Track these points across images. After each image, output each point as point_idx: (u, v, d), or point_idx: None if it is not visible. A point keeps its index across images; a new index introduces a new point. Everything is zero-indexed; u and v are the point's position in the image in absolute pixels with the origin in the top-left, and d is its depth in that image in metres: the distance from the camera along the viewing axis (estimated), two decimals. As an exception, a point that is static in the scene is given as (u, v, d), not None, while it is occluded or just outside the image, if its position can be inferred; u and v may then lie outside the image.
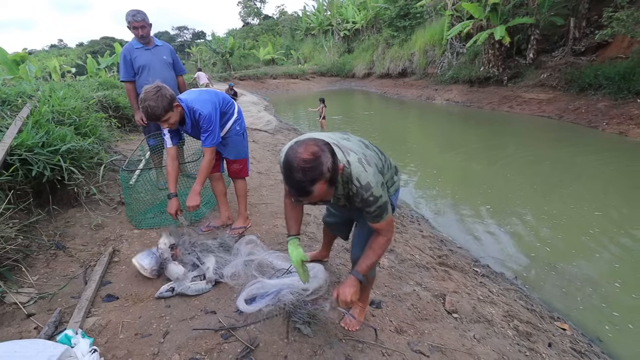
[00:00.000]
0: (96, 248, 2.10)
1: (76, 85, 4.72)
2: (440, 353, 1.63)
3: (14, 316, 1.52)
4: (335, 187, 1.21)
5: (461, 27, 12.15)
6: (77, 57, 31.85)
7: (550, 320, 2.53)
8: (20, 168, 2.03)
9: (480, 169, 6.00)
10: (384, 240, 1.38)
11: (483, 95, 12.56)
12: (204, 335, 1.49)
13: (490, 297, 2.52)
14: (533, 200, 4.54)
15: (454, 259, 3.12)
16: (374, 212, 1.29)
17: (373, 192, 1.24)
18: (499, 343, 1.90)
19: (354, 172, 1.25)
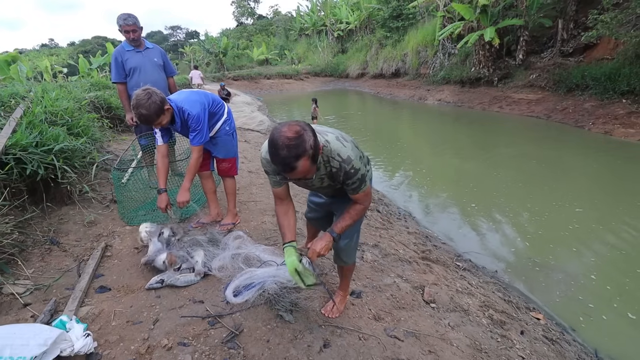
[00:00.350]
0: (89, 243, 2.19)
1: (68, 86, 4.77)
2: (414, 338, 1.75)
3: (11, 306, 1.60)
4: (317, 168, 1.33)
5: (452, 28, 12.34)
6: (69, 57, 31.54)
7: (526, 310, 2.66)
8: (15, 167, 2.11)
9: (468, 167, 6.15)
10: (361, 208, 1.51)
11: (474, 95, 12.77)
12: (192, 322, 1.59)
13: (468, 289, 2.64)
14: (517, 198, 4.69)
15: (437, 253, 3.25)
16: (354, 183, 1.40)
17: (353, 164, 1.36)
18: (473, 330, 2.02)
19: (333, 148, 1.36)
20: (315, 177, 1.41)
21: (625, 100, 8.36)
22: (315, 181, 1.45)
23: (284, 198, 1.58)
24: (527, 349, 2.03)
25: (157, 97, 1.98)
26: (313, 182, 1.46)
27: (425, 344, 1.72)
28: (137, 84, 3.04)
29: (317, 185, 1.50)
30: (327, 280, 2.11)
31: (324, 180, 1.45)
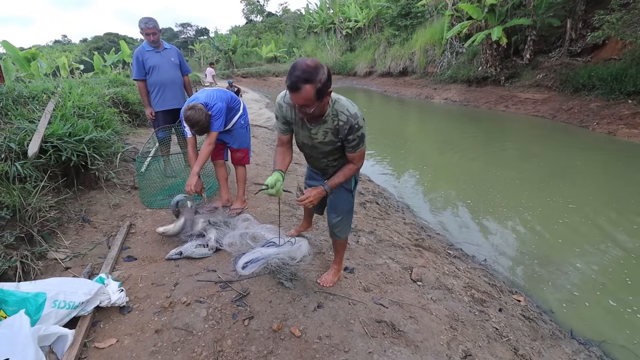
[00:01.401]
0: (115, 222, 2.49)
1: (90, 83, 5.11)
2: (397, 306, 2.00)
3: (55, 268, 1.90)
4: (325, 121, 1.53)
5: (460, 28, 12.42)
6: (82, 53, 32.28)
7: (509, 293, 2.88)
8: (53, 154, 2.41)
9: (469, 165, 6.33)
10: (354, 168, 1.69)
11: (480, 94, 12.84)
12: (206, 285, 1.87)
13: (455, 272, 2.88)
14: (513, 194, 4.88)
15: (429, 242, 3.48)
16: (354, 140, 1.56)
17: (359, 121, 1.53)
18: (453, 305, 2.26)
19: (343, 104, 1.54)
20: (320, 130, 1.57)
21: (631, 101, 8.40)
22: (320, 134, 1.59)
23: (285, 143, 1.76)
24: (502, 322, 2.27)
25: (202, 111, 2.38)
26: (317, 133, 1.60)
27: (407, 312, 1.97)
28: (156, 82, 3.35)
29: (320, 140, 1.62)
30: (324, 258, 2.37)
31: (327, 135, 1.58)
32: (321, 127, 1.57)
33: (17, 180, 2.10)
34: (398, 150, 7.60)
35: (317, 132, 1.60)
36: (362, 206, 3.95)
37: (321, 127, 1.57)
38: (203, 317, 1.66)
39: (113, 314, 1.66)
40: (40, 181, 2.21)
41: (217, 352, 1.49)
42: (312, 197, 1.62)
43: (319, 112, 1.49)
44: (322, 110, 1.50)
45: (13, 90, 2.88)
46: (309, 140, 1.67)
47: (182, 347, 1.50)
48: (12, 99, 2.75)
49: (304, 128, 1.65)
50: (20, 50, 10.71)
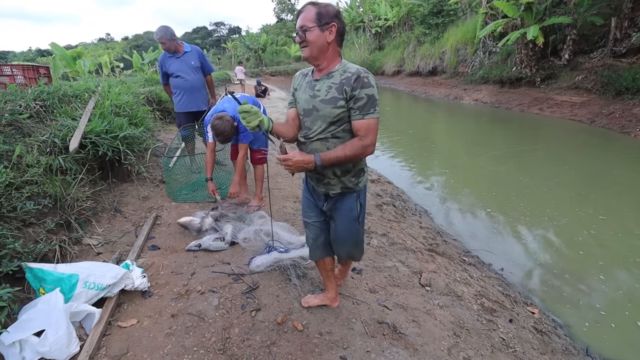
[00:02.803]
0: (143, 213, 2.70)
1: (127, 82, 5.47)
2: (401, 309, 2.04)
3: (88, 253, 2.12)
4: (331, 75, 1.38)
5: (494, 26, 11.95)
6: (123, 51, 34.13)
7: (523, 305, 2.81)
8: (91, 149, 2.66)
9: (495, 170, 6.14)
10: (360, 144, 1.36)
11: (513, 96, 12.32)
12: (220, 277, 2.01)
13: (467, 280, 2.85)
14: (538, 203, 4.69)
15: (444, 247, 3.45)
16: (362, 99, 1.32)
17: (369, 76, 1.34)
18: (460, 312, 2.26)
19: (355, 64, 1.41)
20: (325, 85, 1.39)
21: (680, 107, 7.77)
22: (323, 89, 1.39)
23: (290, 119, 1.54)
24: (511, 333, 2.24)
25: (229, 122, 2.54)
26: (320, 90, 1.40)
27: (410, 315, 2.01)
28: (177, 86, 3.55)
29: (321, 97, 1.39)
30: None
31: (331, 90, 1.37)
32: (326, 81, 1.39)
33: (59, 172, 2.34)
34: (422, 152, 7.49)
35: (320, 87, 1.40)
36: (378, 208, 3.98)
37: (326, 81, 1.39)
38: (215, 306, 1.79)
39: (136, 297, 1.83)
40: (79, 174, 2.45)
41: (225, 338, 1.61)
42: (294, 162, 1.31)
43: (318, 48, 1.35)
44: (321, 49, 1.36)
45: (59, 89, 3.18)
46: (309, 102, 1.43)
47: (193, 332, 1.64)
48: (58, 98, 3.04)
49: (307, 88, 1.46)
50: (68, 49, 11.58)
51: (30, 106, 2.63)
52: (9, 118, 2.38)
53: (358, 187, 1.57)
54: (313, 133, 1.46)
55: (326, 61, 1.41)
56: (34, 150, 2.24)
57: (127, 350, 1.54)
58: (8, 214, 1.90)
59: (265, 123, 1.35)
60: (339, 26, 1.37)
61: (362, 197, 1.61)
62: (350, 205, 1.59)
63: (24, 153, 2.15)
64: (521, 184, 5.40)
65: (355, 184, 1.56)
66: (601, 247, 3.61)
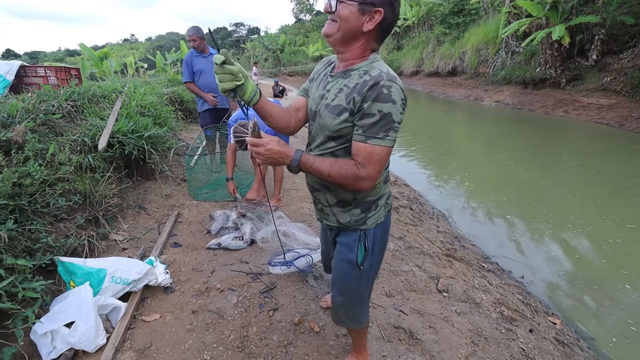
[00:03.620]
0: (166, 211, 2.79)
1: (152, 82, 5.65)
2: (418, 314, 2.03)
3: (114, 248, 2.21)
4: (349, 75, 1.05)
5: (517, 26, 11.63)
6: (146, 51, 35.17)
7: (544, 315, 2.74)
8: (118, 148, 2.76)
9: (517, 174, 5.98)
10: (352, 172, 0.99)
11: (537, 97, 11.95)
12: (239, 276, 2.05)
13: (486, 287, 2.80)
14: (561, 209, 4.54)
15: (462, 253, 3.39)
16: (373, 117, 0.96)
17: (393, 90, 0.96)
18: (478, 320, 2.22)
19: (385, 65, 1.05)
20: (337, 85, 1.07)
21: None
22: (333, 90, 1.07)
23: (293, 107, 1.26)
24: (531, 344, 2.18)
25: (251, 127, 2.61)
26: (331, 90, 1.09)
27: (427, 321, 1.99)
28: (202, 84, 3.67)
29: (328, 101, 1.08)
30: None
31: (339, 95, 1.04)
32: (340, 80, 1.07)
33: (88, 170, 2.45)
34: (440, 154, 7.38)
35: (332, 87, 1.09)
36: (394, 211, 3.96)
37: (340, 80, 1.07)
38: (233, 304, 1.83)
39: (158, 292, 1.90)
40: (107, 172, 2.56)
41: (243, 337, 1.65)
42: (267, 150, 1.02)
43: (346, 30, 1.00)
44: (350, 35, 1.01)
45: (88, 90, 3.32)
46: (316, 104, 1.14)
47: (213, 329, 1.69)
48: (88, 98, 3.18)
49: (322, 83, 1.15)
50: (95, 49, 12.04)
51: (62, 106, 2.76)
52: (43, 118, 2.50)
53: (365, 226, 1.16)
54: (313, 144, 1.17)
55: (351, 53, 1.05)
56: (66, 149, 2.36)
57: (150, 344, 1.60)
58: (42, 209, 2.00)
59: (248, 92, 1.05)
60: (386, 16, 1.00)
61: (370, 239, 1.17)
62: (348, 244, 1.19)
63: (56, 151, 2.27)
64: (543, 189, 5.24)
65: (360, 220, 1.16)
66: (628, 257, 3.46)
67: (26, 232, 1.84)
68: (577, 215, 4.32)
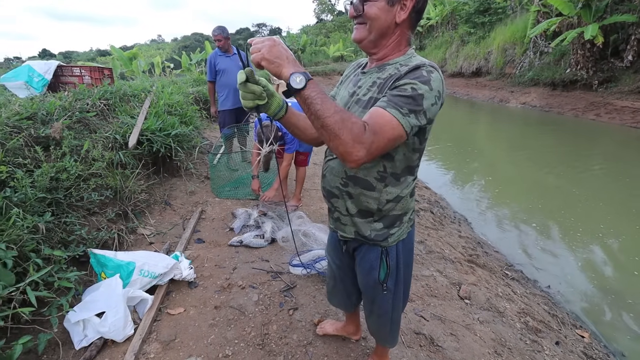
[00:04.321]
0: (190, 207, 2.87)
1: (178, 82, 5.82)
2: (439, 321, 1.99)
3: (142, 242, 2.29)
4: (384, 69, 0.98)
5: (547, 25, 11.19)
6: (172, 51, 36.21)
7: (572, 327, 2.62)
8: (146, 145, 2.87)
9: (544, 179, 5.76)
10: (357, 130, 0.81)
11: (566, 100, 11.46)
12: (260, 273, 2.08)
13: (510, 295, 2.71)
14: (592, 217, 4.34)
15: (485, 259, 3.30)
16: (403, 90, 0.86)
17: (433, 75, 0.88)
18: (502, 329, 2.16)
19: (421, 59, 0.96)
20: (370, 80, 1.00)
21: None
22: (365, 86, 1.01)
23: None
24: (557, 357, 2.10)
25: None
26: (362, 86, 1.02)
27: (448, 328, 1.95)
28: (224, 83, 3.76)
29: (359, 96, 1.01)
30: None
31: (372, 89, 0.98)
32: (373, 75, 1.00)
33: (119, 166, 2.55)
34: (463, 157, 7.20)
35: (363, 83, 1.02)
36: (414, 214, 3.90)
37: (373, 75, 1.00)
38: (254, 301, 1.86)
39: (183, 287, 1.96)
40: (136, 168, 2.66)
41: (264, 334, 1.68)
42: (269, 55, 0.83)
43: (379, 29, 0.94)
44: (384, 32, 0.95)
45: (120, 89, 3.46)
46: (346, 102, 1.05)
47: (235, 325, 1.72)
48: (119, 97, 3.31)
49: (351, 82, 1.09)
50: (124, 49, 12.52)
51: (96, 105, 2.89)
52: (79, 116, 2.63)
53: (386, 243, 1.08)
54: None
55: (386, 50, 0.98)
56: (99, 146, 2.47)
57: (175, 336, 1.66)
58: (76, 203, 2.10)
59: (272, 108, 1.00)
60: None
61: (392, 257, 1.10)
62: (369, 263, 1.12)
63: (90, 148, 2.38)
64: (573, 196, 5.02)
65: (381, 235, 1.07)
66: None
67: (61, 225, 1.94)
68: (609, 224, 4.11)
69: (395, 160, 1.00)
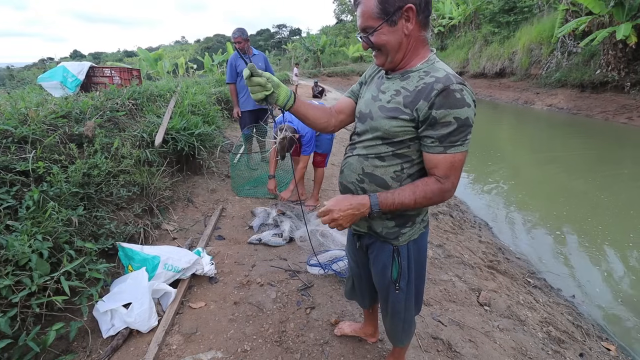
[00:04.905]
0: (211, 205, 2.95)
1: (201, 82, 5.97)
2: (457, 326, 1.96)
3: (165, 237, 2.38)
4: (407, 77, 0.99)
5: (576, 24, 10.77)
6: (195, 52, 37.12)
7: (597, 339, 2.53)
8: (171, 144, 2.97)
9: (570, 185, 5.55)
10: (438, 188, 0.96)
11: (596, 102, 10.99)
12: (278, 271, 2.12)
13: (532, 304, 2.63)
14: (621, 225, 4.15)
15: (506, 266, 3.22)
16: (450, 125, 0.91)
17: (465, 93, 0.91)
18: (523, 338, 2.10)
19: (445, 66, 0.99)
20: (392, 88, 1.02)
21: None
22: (388, 93, 1.02)
23: (335, 109, 1.25)
24: (582, 369, 2.03)
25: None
26: (386, 92, 1.03)
27: (467, 334, 1.92)
28: (243, 84, 3.82)
29: (382, 102, 1.03)
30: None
31: (396, 97, 0.99)
32: (397, 82, 1.02)
33: (145, 163, 2.66)
34: (485, 160, 7.03)
35: (387, 89, 1.04)
36: (433, 217, 3.85)
37: (397, 82, 1.02)
38: (272, 299, 1.90)
39: (204, 282, 2.02)
40: (161, 166, 2.76)
41: (281, 332, 1.71)
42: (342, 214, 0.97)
43: (394, 49, 0.97)
44: (400, 49, 0.98)
45: (147, 89, 3.59)
46: (368, 105, 1.09)
47: (253, 321, 1.76)
48: (146, 97, 3.44)
49: (374, 85, 1.12)
50: (150, 51, 12.95)
51: (125, 104, 3.02)
52: (109, 115, 2.75)
53: (397, 242, 1.10)
54: (357, 138, 1.12)
55: (405, 59, 1.01)
56: (127, 144, 2.58)
57: (196, 329, 1.71)
58: (106, 198, 2.21)
59: (281, 98, 1.06)
60: (417, 2, 0.93)
61: (404, 256, 1.11)
62: (382, 261, 1.15)
63: (119, 146, 2.49)
64: (600, 203, 4.81)
65: (392, 233, 1.10)
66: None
67: (92, 218, 2.04)
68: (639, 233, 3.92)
69: (413, 162, 1.04)
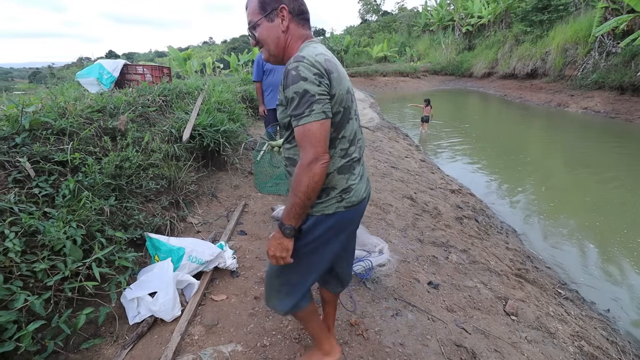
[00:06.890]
0: (234, 200, 3.00)
1: (227, 81, 6.10)
2: (482, 335, 1.89)
3: (190, 230, 2.44)
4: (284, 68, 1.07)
5: (616, 23, 10.16)
6: (222, 52, 37.99)
7: (634, 357, 2.36)
8: (198, 140, 3.04)
9: (606, 193, 5.23)
10: (298, 168, 0.99)
11: (636, 105, 10.33)
12: (298, 269, 2.11)
13: (563, 316, 2.50)
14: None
15: (535, 275, 3.08)
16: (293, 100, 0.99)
17: (301, 68, 0.98)
18: (553, 351, 2.00)
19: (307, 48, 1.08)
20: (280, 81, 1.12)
21: None
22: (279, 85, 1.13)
23: None
24: (618, 389, 1.90)
25: None
26: None
27: (492, 344, 1.85)
28: (270, 83, 3.84)
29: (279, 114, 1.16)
30: (409, 268, 2.37)
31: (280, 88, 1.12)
32: (281, 75, 1.12)
33: (173, 158, 2.73)
34: (514, 165, 6.74)
35: None
36: (457, 221, 3.73)
37: (281, 75, 1.12)
38: (293, 296, 1.90)
39: (226, 275, 2.05)
40: (188, 160, 2.83)
41: (300, 329, 1.70)
42: (271, 247, 1.08)
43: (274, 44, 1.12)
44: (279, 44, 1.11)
45: (177, 87, 3.71)
46: None
47: (273, 317, 1.77)
48: (175, 94, 3.55)
49: None
50: (180, 51, 13.38)
51: (155, 101, 3.13)
52: (141, 110, 2.86)
53: (310, 210, 1.10)
54: None
55: (287, 52, 1.13)
56: (157, 138, 2.66)
57: (217, 321, 1.74)
58: (136, 190, 2.29)
59: None
60: (291, 5, 1.08)
61: (307, 224, 1.10)
62: None
63: (150, 140, 2.57)
64: (638, 214, 4.50)
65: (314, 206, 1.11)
66: None
67: (122, 209, 2.12)
68: (687, 247, 3.63)
69: None
